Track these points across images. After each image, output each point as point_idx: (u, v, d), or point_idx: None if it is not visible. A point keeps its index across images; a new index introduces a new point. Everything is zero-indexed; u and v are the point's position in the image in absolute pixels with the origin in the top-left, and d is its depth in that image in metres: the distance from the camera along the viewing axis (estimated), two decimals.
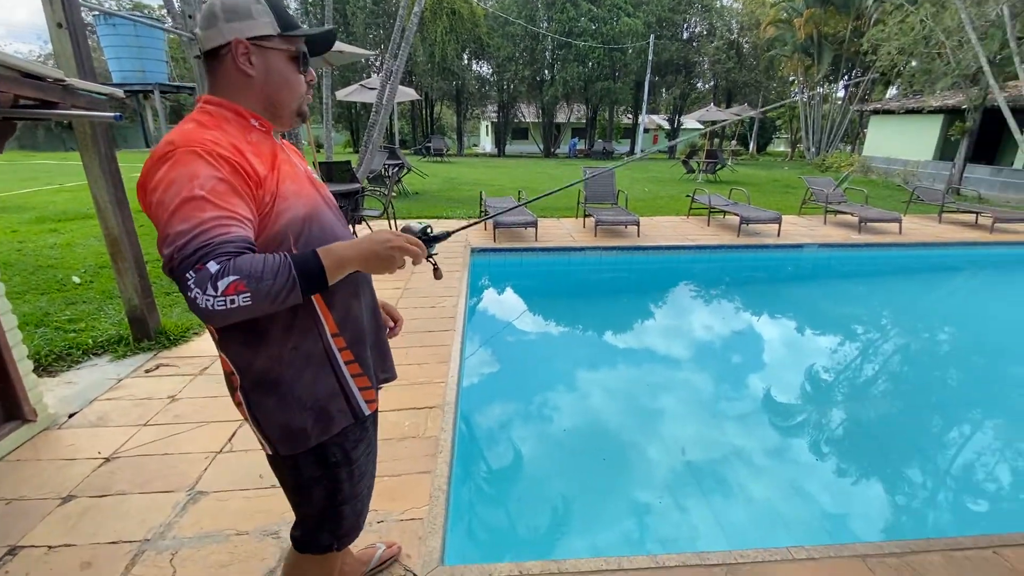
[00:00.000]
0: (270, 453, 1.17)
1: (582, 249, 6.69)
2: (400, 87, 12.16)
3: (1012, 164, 15.53)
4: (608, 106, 29.23)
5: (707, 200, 8.01)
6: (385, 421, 2.70)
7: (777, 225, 7.30)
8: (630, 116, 31.14)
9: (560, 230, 7.63)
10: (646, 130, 32.03)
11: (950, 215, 9.00)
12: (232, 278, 0.84)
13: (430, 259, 1.11)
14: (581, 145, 30.22)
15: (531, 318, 5.25)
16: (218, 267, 0.83)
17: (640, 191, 12.47)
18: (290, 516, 2.03)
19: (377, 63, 25.72)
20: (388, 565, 1.85)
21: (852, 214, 7.86)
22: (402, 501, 2.15)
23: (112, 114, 2.48)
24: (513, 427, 3.21)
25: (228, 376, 1.13)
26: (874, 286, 6.69)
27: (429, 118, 30.99)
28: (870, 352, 4.72)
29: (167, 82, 20.85)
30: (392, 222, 6.78)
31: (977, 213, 8.39)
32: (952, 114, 15.88)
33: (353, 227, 6.67)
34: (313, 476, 1.17)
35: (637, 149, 27.29)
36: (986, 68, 11.01)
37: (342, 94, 11.77)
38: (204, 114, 1.01)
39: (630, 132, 31.34)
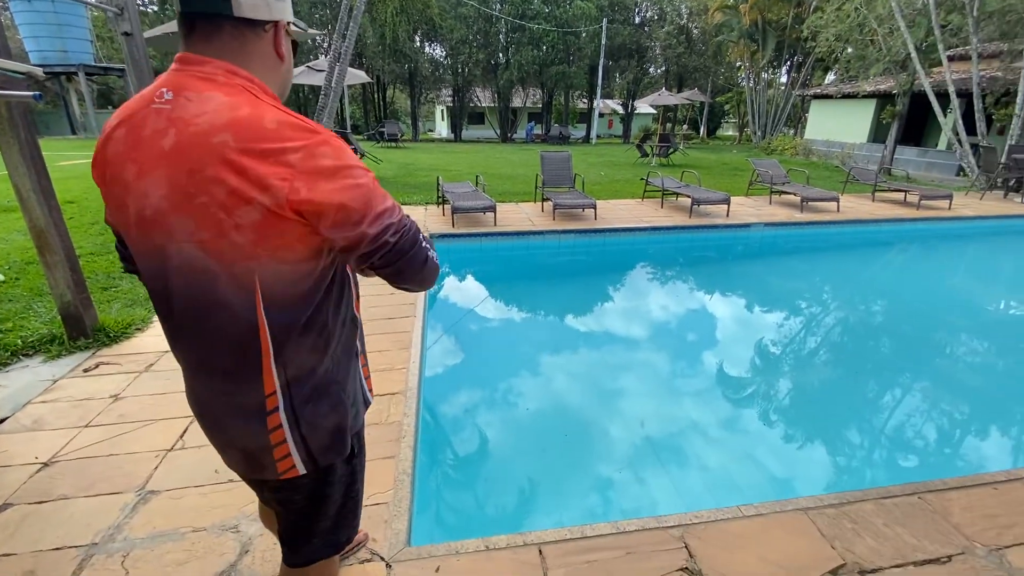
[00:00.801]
0: (303, 472, 1.02)
1: (541, 233, 6.74)
2: (350, 69, 11.75)
3: (936, 145, 16.66)
4: (563, 90, 29.28)
5: (660, 183, 8.21)
6: None
7: (726, 206, 7.57)
8: (585, 100, 31.31)
9: (519, 214, 7.65)
10: (601, 115, 32.37)
11: (882, 194, 9.59)
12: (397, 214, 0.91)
13: None
14: (538, 130, 30.20)
15: (492, 303, 5.27)
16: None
17: (596, 175, 12.62)
18: (250, 509, 2.01)
19: (325, 44, 24.73)
20: (355, 551, 1.84)
21: (795, 194, 8.26)
22: (368, 487, 2.10)
23: (31, 93, 2.30)
24: (476, 409, 3.24)
25: (264, 400, 0.93)
26: (815, 262, 7.08)
27: (382, 102, 30.14)
28: (812, 324, 5.01)
29: (93, 63, 19.32)
30: None
31: (906, 191, 8.98)
32: (884, 99, 16.84)
33: None
34: (339, 477, 1.10)
35: (593, 134, 27.56)
36: (913, 55, 11.71)
37: None
38: (264, 94, 0.87)
39: (586, 117, 31.54)
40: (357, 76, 12.03)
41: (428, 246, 0.98)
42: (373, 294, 4.36)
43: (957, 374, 3.99)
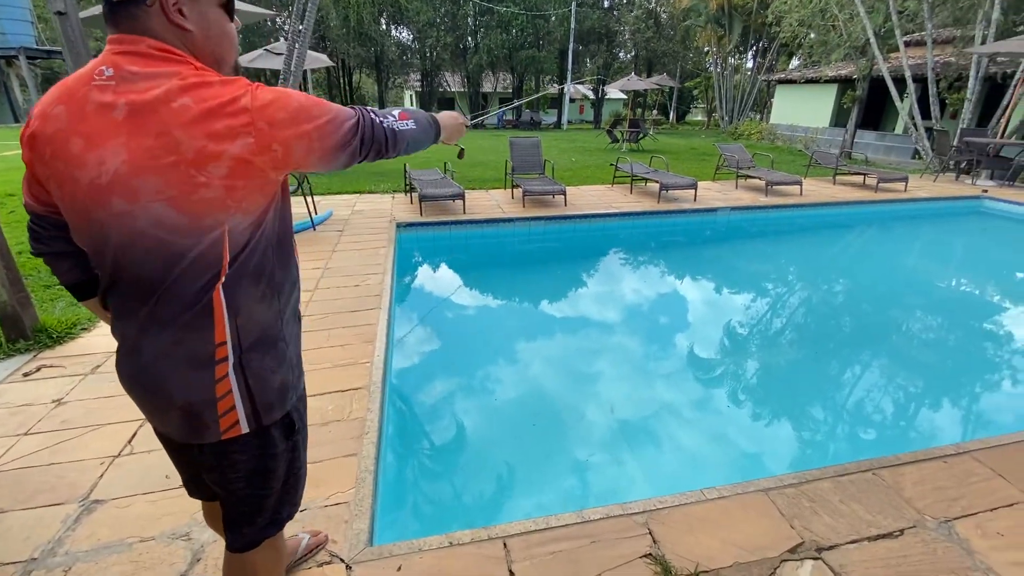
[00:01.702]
0: (245, 431, 1.03)
1: (511, 220, 6.67)
2: (311, 52, 11.33)
3: (894, 129, 17.20)
4: (533, 75, 29.02)
5: (629, 168, 8.23)
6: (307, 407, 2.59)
7: (693, 191, 7.65)
8: (556, 86, 31.13)
9: (488, 201, 7.56)
10: (572, 100, 32.23)
11: (843, 177, 9.85)
12: (398, 109, 1.10)
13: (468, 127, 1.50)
14: (509, 116, 29.92)
15: (461, 292, 5.20)
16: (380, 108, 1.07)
17: (567, 161, 12.59)
18: (201, 515, 1.93)
19: (285, 27, 23.81)
20: (314, 554, 1.79)
21: (760, 178, 8.40)
22: (326, 487, 2.08)
23: None
24: (443, 402, 3.19)
25: (214, 349, 0.96)
26: (779, 245, 7.24)
27: (348, 87, 29.34)
28: (774, 307, 5.12)
29: (35, 46, 18.14)
30: (309, 199, 6.39)
31: (864, 174, 9.24)
32: (845, 83, 17.24)
33: None
34: (281, 450, 1.12)
35: (564, 119, 27.45)
36: (872, 40, 11.98)
37: (245, 60, 10.75)
38: (197, 63, 0.92)
39: (557, 102, 31.38)
40: (318, 60, 11.61)
41: (387, 118, 1.05)
42: (335, 286, 4.25)
43: (912, 351, 4.14)
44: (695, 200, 7.67)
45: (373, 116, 1.01)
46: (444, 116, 1.31)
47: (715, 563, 1.78)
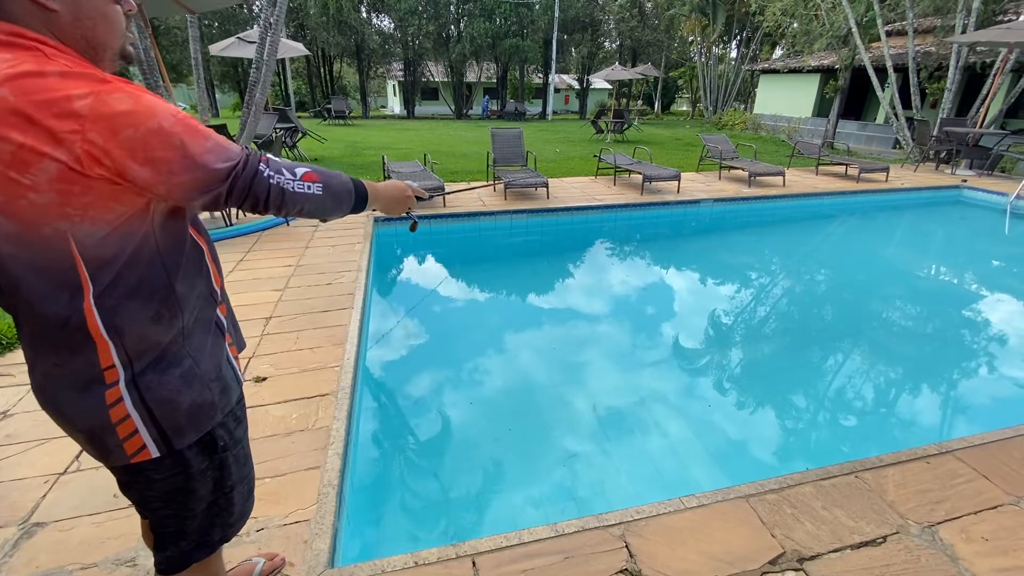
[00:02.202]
0: (157, 455, 0.96)
1: (493, 214, 6.54)
2: (286, 41, 11.02)
3: (875, 119, 17.33)
4: (518, 64, 28.66)
5: (613, 160, 8.12)
6: (268, 416, 2.46)
7: (677, 182, 7.58)
8: (540, 76, 30.79)
9: (471, 194, 7.40)
10: (557, 90, 31.94)
11: (825, 167, 9.86)
12: (306, 168, 0.95)
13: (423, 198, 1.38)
14: (494, 106, 29.58)
15: (439, 290, 5.07)
16: (280, 161, 0.92)
17: (552, 152, 12.44)
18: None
19: (261, 15, 23.16)
20: None
21: (743, 169, 8.35)
22: (286, 504, 1.96)
23: None
24: (417, 408, 3.07)
25: (100, 372, 0.88)
26: (763, 237, 7.20)
27: (328, 77, 28.70)
28: (756, 304, 5.07)
29: None
30: None
31: (846, 165, 9.25)
32: (827, 73, 17.30)
33: None
34: (200, 470, 1.04)
35: (549, 110, 27.21)
36: (854, 29, 11.97)
37: (216, 48, 10.41)
38: (60, 54, 0.79)
39: (542, 92, 31.07)
40: (293, 48, 11.27)
41: (281, 175, 0.92)
42: (306, 285, 4.09)
43: (894, 346, 4.11)
44: (678, 192, 7.60)
45: (261, 167, 0.89)
46: (385, 187, 1.22)
47: None
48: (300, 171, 0.94)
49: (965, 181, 8.77)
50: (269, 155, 0.93)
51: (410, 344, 3.84)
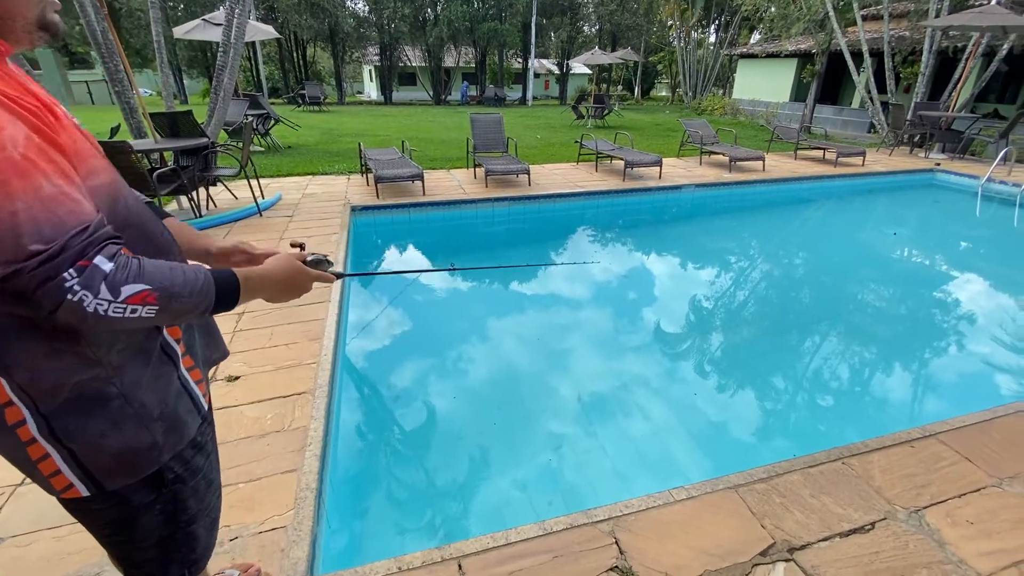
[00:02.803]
0: (87, 494, 0.86)
1: (474, 201, 6.42)
2: (255, 23, 10.60)
3: (851, 104, 17.54)
4: (497, 49, 28.24)
5: (594, 145, 8.04)
6: (242, 417, 2.35)
7: (658, 168, 7.54)
8: (520, 60, 30.40)
9: (450, 182, 7.26)
10: (537, 75, 31.61)
11: (803, 152, 9.94)
12: (142, 287, 0.71)
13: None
14: (473, 91, 29.16)
15: (421, 280, 4.96)
16: (112, 266, 0.68)
17: (533, 138, 12.30)
18: None
19: None
20: None
21: (723, 154, 8.35)
22: (261, 510, 1.87)
23: None
24: (399, 404, 2.99)
25: (2, 409, 0.77)
26: (744, 222, 7.23)
27: (302, 62, 27.88)
28: (740, 290, 5.08)
29: None
30: (256, 181, 5.97)
31: (824, 149, 9.34)
32: (804, 58, 17.41)
33: (207, 190, 5.78)
34: (144, 504, 0.93)
35: (529, 95, 26.92)
36: (831, 13, 12.02)
37: (181, 31, 9.94)
38: None
39: (522, 77, 30.72)
40: (263, 31, 10.85)
41: (95, 291, 0.67)
42: None
43: (875, 330, 4.15)
44: (660, 177, 7.57)
45: (68, 274, 0.65)
46: (272, 276, 0.95)
47: (685, 573, 1.66)
48: (131, 290, 0.69)
49: (938, 165, 8.92)
50: (130, 256, 0.71)
51: (391, 338, 3.73)
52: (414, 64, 29.90)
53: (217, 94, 7.15)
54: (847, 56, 11.98)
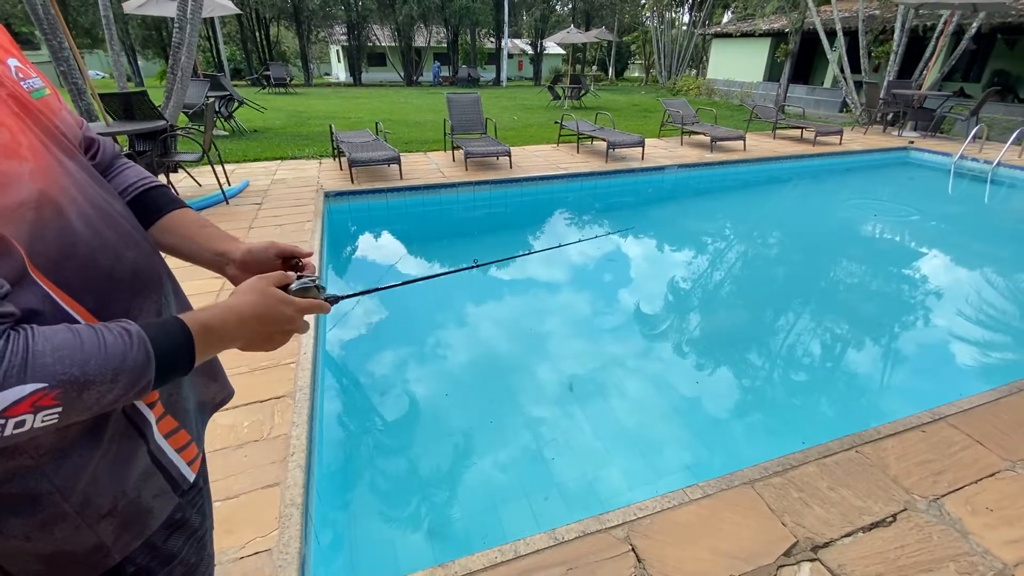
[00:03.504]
0: None
1: (454, 185, 6.18)
2: None
3: (823, 83, 17.72)
4: (469, 28, 27.51)
5: (575, 126, 7.85)
6: (216, 425, 2.14)
7: (641, 148, 7.41)
8: (493, 40, 29.72)
9: (428, 165, 6.99)
10: (510, 55, 30.97)
11: (781, 131, 9.94)
12: (30, 389, 0.47)
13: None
14: (445, 72, 28.43)
15: (403, 269, 4.74)
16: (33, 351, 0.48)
17: (509, 119, 12.01)
18: None
19: None
20: None
21: (704, 134, 8.27)
22: (241, 532, 1.68)
23: None
24: (388, 405, 2.80)
25: None
26: (730, 202, 7.18)
27: (265, 42, 26.65)
28: (733, 273, 5.02)
29: None
30: (221, 167, 5.60)
31: (802, 128, 9.35)
32: (778, 37, 17.45)
33: (167, 176, 5.39)
34: None
35: (503, 75, 26.39)
36: None
37: (131, 7, 9.25)
38: None
39: (495, 58, 30.08)
40: (220, 7, 10.21)
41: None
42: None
43: (875, 313, 4.14)
44: (643, 158, 7.44)
45: None
46: (247, 317, 0.67)
47: None
48: (9, 398, 0.46)
49: (912, 143, 9.04)
50: (18, 334, 0.48)
51: (374, 332, 3.53)
52: (383, 44, 28.93)
53: (175, 73, 6.67)
54: (821, 34, 12.00)
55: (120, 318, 0.60)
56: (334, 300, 0.81)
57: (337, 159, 7.03)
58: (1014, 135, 7.47)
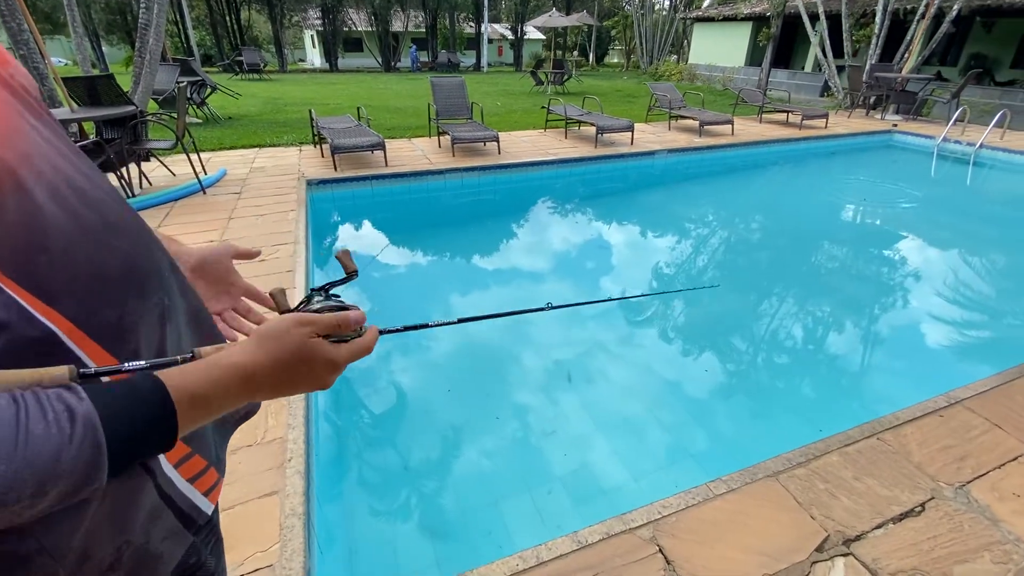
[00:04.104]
0: None
1: (441, 172, 6.00)
2: None
3: (803, 67, 17.80)
4: (447, 12, 26.95)
5: (563, 111, 7.70)
6: None
7: (630, 133, 7.30)
8: (472, 25, 29.18)
9: (413, 152, 6.78)
10: (490, 40, 30.45)
11: (768, 115, 9.93)
12: None
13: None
14: (425, 57, 27.84)
15: (392, 259, 4.57)
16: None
17: (492, 105, 11.78)
18: None
19: None
20: None
21: (693, 118, 8.20)
22: (239, 548, 1.54)
23: None
24: (388, 401, 2.67)
25: None
26: (725, 186, 7.12)
27: (236, 27, 25.69)
28: (739, 260, 4.97)
29: None
30: (196, 156, 5.33)
31: (788, 112, 9.35)
32: (759, 21, 17.43)
33: (138, 165, 5.11)
34: None
35: (483, 61, 25.97)
36: None
37: None
38: None
39: (474, 43, 29.56)
40: None
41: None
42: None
43: (885, 297, 4.12)
44: (632, 143, 7.34)
45: None
46: (273, 368, 0.50)
47: None
48: None
49: (896, 126, 9.11)
50: None
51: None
52: (360, 29, 28.18)
53: (142, 57, 6.32)
54: (804, 18, 12.00)
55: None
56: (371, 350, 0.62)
57: (318, 146, 6.77)
58: (996, 118, 7.56)
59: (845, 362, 3.12)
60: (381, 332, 0.64)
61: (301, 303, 0.63)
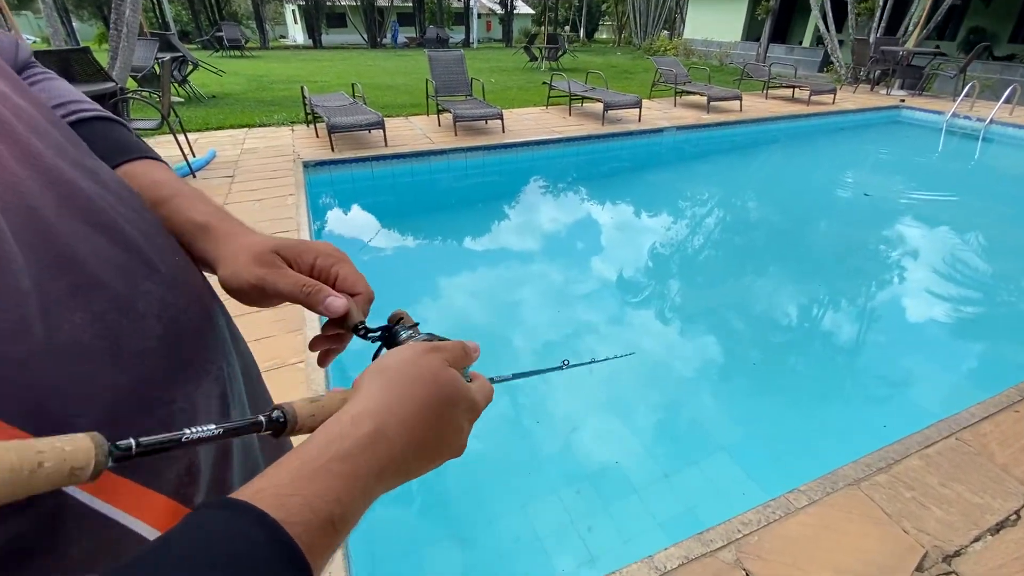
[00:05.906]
0: None
1: (443, 152, 5.71)
2: None
3: (801, 42, 17.50)
4: None
5: (567, 87, 7.39)
6: None
7: (637, 110, 7.03)
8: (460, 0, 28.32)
9: (412, 131, 6.46)
10: (479, 15, 29.57)
11: (773, 91, 9.69)
12: None
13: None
14: (413, 33, 26.96)
15: (393, 243, 4.33)
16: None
17: (487, 82, 11.36)
18: None
19: None
20: None
21: (700, 94, 7.94)
22: None
23: None
24: None
25: None
26: (743, 164, 6.88)
27: (214, 2, 24.61)
28: (758, 242, 4.78)
29: None
30: (184, 136, 4.98)
31: (794, 87, 9.12)
32: None
33: None
34: None
35: (473, 36, 25.24)
36: None
37: None
38: None
39: (462, 18, 28.67)
40: None
41: None
42: None
43: (939, 284, 3.89)
44: (639, 120, 7.08)
45: None
46: (395, 444, 0.31)
47: None
48: None
49: (903, 101, 8.94)
50: None
51: (384, 317, 3.15)
52: (343, 3, 27.18)
53: (119, 30, 5.87)
54: None
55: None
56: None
57: (311, 125, 6.43)
58: (1006, 93, 7.40)
59: (898, 353, 2.94)
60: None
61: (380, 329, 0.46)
